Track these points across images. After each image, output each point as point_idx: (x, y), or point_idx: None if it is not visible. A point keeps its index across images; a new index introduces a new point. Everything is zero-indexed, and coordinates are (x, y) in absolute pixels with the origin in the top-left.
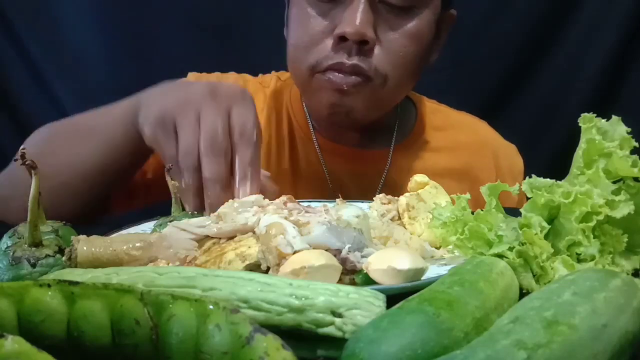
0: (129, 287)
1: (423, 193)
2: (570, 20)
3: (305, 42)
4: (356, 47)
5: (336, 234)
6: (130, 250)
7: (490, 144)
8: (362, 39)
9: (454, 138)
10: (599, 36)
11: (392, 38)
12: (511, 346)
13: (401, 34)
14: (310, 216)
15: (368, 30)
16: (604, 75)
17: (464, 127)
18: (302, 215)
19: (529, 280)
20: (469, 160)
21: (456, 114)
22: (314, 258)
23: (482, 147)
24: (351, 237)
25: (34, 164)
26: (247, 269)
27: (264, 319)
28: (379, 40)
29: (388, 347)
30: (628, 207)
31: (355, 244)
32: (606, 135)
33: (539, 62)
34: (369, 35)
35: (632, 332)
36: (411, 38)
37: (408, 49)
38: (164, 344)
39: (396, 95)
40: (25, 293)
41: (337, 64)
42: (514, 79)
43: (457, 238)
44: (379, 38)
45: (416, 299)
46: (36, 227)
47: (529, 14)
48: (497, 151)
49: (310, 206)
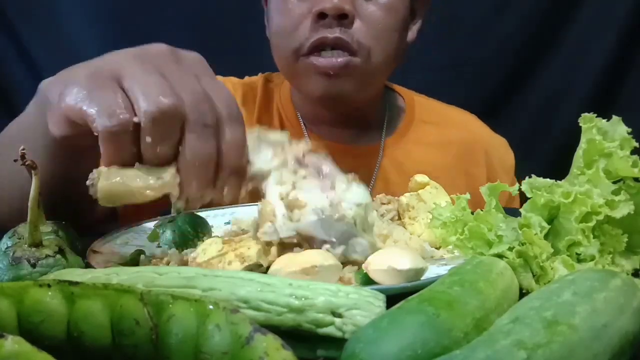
0: (129, 287)
1: (423, 193)
2: (570, 20)
3: (287, 27)
4: (336, 22)
5: (326, 227)
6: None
7: (481, 139)
8: (341, 12)
9: (445, 132)
10: (599, 36)
11: (370, 11)
12: (511, 346)
13: (378, 7)
14: (311, 194)
15: (346, 3)
16: (604, 75)
17: (454, 121)
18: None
19: (529, 280)
20: (460, 155)
21: (446, 108)
22: (321, 258)
23: (473, 141)
24: (340, 231)
25: (34, 164)
26: (247, 270)
27: (263, 319)
28: (357, 13)
29: (388, 347)
30: (628, 207)
31: (343, 238)
32: (606, 135)
33: (539, 62)
34: (347, 8)
35: (632, 332)
36: (388, 10)
37: (386, 21)
38: (164, 344)
39: (382, 72)
40: (25, 293)
41: (319, 40)
42: (514, 79)
43: (457, 238)
44: (357, 12)
45: (416, 299)
46: (36, 228)
47: (529, 14)
48: (488, 145)
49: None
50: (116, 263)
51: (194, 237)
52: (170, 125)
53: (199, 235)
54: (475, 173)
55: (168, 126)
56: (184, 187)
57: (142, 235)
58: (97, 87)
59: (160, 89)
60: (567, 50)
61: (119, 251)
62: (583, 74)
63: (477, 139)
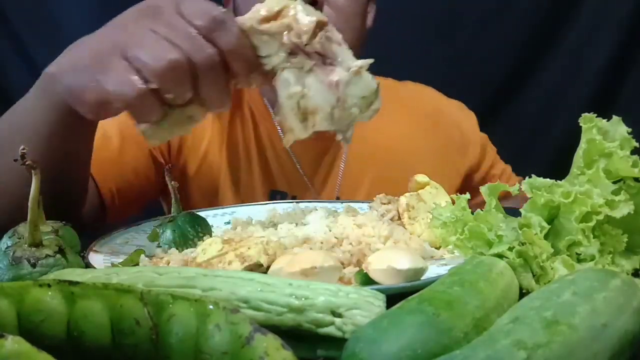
0: (129, 287)
1: (423, 193)
2: (570, 20)
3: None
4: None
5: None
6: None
7: (440, 105)
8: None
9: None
10: (599, 36)
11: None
12: (511, 346)
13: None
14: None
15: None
16: (604, 75)
17: (414, 96)
18: (313, 88)
19: (529, 280)
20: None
21: (403, 84)
22: (321, 259)
23: (433, 109)
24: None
25: (34, 164)
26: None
27: (264, 319)
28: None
29: (388, 347)
30: (628, 207)
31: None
32: (607, 135)
33: (539, 62)
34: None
35: (631, 332)
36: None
37: (352, 7)
38: (164, 343)
39: None
40: (25, 293)
41: None
42: (514, 79)
43: (457, 238)
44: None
45: (416, 299)
46: (36, 227)
47: (529, 13)
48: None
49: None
50: (116, 263)
51: (194, 236)
52: (180, 76)
53: (199, 235)
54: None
55: (178, 78)
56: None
57: (142, 235)
58: (105, 67)
59: (158, 49)
60: (567, 50)
61: (119, 251)
62: (583, 74)
63: (437, 106)
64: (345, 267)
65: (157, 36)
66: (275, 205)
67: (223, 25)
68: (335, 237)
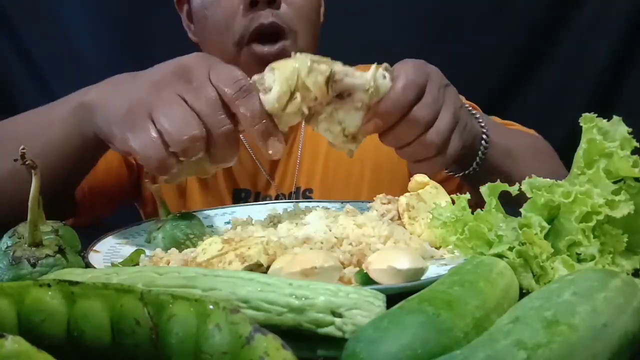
0: (129, 287)
1: (423, 193)
2: (570, 20)
3: (221, 21)
4: (268, 8)
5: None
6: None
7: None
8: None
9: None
10: (599, 36)
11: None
12: (511, 346)
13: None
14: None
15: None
16: (604, 75)
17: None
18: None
19: (529, 280)
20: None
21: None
22: (321, 259)
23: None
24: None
25: (34, 164)
26: (247, 270)
27: (264, 319)
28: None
29: (388, 347)
30: (628, 207)
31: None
32: (607, 135)
33: (539, 62)
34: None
35: (632, 332)
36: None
37: (308, 3)
38: (164, 343)
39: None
40: (25, 293)
41: (258, 28)
42: (514, 79)
43: (457, 238)
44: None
45: (416, 299)
46: (36, 227)
47: (529, 14)
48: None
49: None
50: (116, 263)
51: (185, 239)
52: (197, 147)
53: (190, 238)
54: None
55: (195, 148)
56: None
57: (142, 235)
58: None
59: (182, 123)
60: (567, 50)
61: (119, 251)
62: (583, 74)
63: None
64: (345, 267)
65: (183, 107)
66: (275, 205)
67: (248, 95)
68: (335, 237)
